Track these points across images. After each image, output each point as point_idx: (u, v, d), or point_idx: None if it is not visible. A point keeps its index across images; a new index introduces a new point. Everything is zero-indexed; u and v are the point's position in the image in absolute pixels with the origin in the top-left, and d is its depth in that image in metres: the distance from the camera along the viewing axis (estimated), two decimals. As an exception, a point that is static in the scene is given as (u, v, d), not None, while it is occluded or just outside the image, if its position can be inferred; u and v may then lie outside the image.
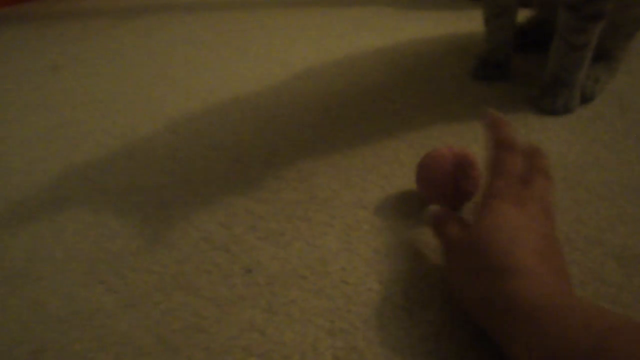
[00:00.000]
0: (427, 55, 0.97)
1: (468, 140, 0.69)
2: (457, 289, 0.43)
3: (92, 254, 0.56)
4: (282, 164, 0.67)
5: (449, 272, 0.45)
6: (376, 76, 0.90)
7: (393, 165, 0.65)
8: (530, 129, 0.70)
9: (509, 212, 0.42)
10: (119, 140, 0.77)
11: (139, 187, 0.66)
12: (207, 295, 0.49)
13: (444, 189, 0.54)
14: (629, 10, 0.75)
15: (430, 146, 0.68)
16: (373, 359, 0.42)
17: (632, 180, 0.60)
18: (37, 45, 1.21)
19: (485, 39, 0.86)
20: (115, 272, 0.53)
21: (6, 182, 0.70)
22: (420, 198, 0.59)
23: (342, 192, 0.61)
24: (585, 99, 0.76)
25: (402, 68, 0.92)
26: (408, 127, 0.73)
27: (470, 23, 1.07)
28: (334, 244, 0.54)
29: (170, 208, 0.61)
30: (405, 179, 0.63)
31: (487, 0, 0.83)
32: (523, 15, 0.91)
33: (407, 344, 0.43)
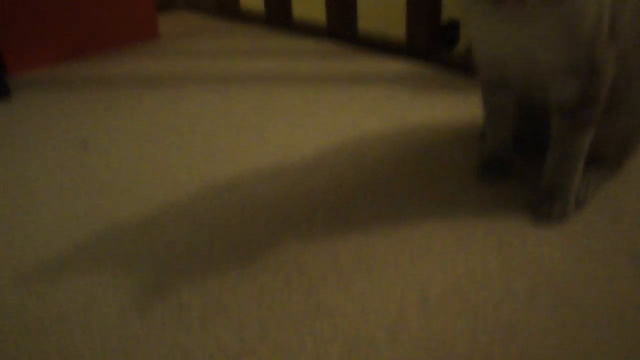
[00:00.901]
0: (435, 144, 1.02)
1: (466, 250, 0.74)
2: None
3: (120, 355, 0.61)
4: (292, 270, 0.72)
5: None
6: (383, 169, 0.95)
7: (396, 279, 0.70)
8: (524, 240, 0.74)
9: None
10: (139, 235, 0.82)
11: (156, 287, 0.71)
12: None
13: None
14: (618, 121, 0.80)
15: (431, 261, 0.73)
16: None
17: (616, 302, 0.63)
18: (63, 117, 1.25)
19: (487, 136, 0.91)
20: (136, 379, 0.58)
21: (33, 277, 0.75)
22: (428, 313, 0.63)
23: (346, 305, 0.66)
24: (577, 204, 0.80)
25: (408, 160, 0.97)
26: (410, 231, 0.78)
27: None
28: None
29: (188, 311, 0.66)
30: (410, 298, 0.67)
31: (484, 98, 0.88)
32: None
33: None
